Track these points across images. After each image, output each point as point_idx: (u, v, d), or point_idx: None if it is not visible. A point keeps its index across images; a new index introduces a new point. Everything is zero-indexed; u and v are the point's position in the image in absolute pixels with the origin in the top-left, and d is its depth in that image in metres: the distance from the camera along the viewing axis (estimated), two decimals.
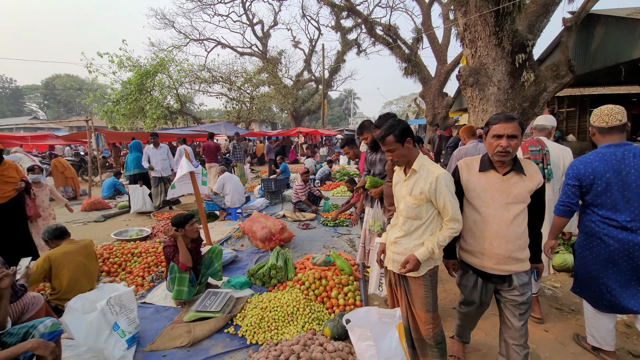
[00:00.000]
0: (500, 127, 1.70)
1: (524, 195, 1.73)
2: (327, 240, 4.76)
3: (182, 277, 2.91)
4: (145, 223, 6.05)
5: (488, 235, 1.77)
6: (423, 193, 1.78)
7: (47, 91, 58.44)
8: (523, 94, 8.09)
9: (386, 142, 1.83)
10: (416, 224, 1.82)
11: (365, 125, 3.20)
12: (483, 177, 1.80)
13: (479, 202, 1.80)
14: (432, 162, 1.90)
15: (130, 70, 19.27)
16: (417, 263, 1.78)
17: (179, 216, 3.03)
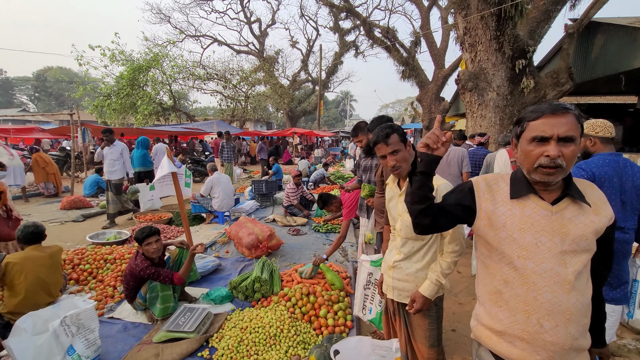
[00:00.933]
0: (546, 124, 1.01)
1: (589, 239, 1.04)
2: (318, 248, 4.49)
3: (165, 295, 2.63)
4: (127, 224, 5.73)
5: (534, 309, 1.06)
6: None
7: (39, 83, 57.31)
8: (522, 100, 7.93)
9: (390, 142, 1.55)
10: (417, 245, 1.58)
11: (361, 127, 2.95)
12: (518, 207, 1.10)
13: (513, 249, 1.08)
14: None
15: (123, 64, 18.79)
16: (425, 301, 1.52)
17: (140, 230, 2.73)
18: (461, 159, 4.16)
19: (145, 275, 2.60)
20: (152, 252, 2.71)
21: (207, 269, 3.49)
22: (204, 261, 3.58)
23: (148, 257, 2.74)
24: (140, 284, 2.67)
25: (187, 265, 2.69)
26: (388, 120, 2.52)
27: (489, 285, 1.16)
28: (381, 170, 2.49)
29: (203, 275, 3.45)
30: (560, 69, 7.60)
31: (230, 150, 9.19)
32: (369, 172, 3.02)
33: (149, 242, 2.71)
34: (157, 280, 2.62)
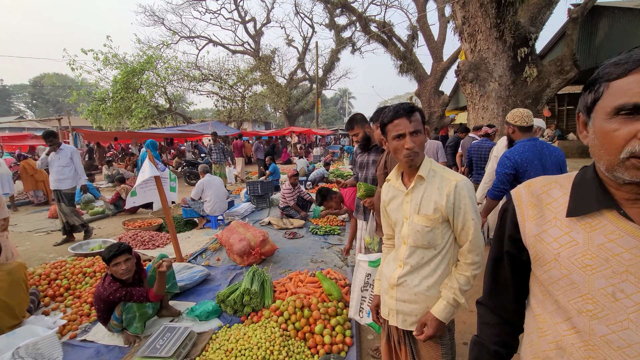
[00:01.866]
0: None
1: None
2: (316, 253, 4.22)
3: (143, 312, 2.37)
4: (116, 232, 5.46)
5: None
6: (439, 210, 1.26)
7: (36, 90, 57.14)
8: (525, 90, 7.63)
9: (413, 119, 1.28)
10: (429, 254, 1.29)
11: (357, 119, 2.66)
12: (582, 229, 0.67)
13: (572, 299, 0.68)
14: (442, 165, 1.38)
15: (116, 68, 18.50)
16: (439, 325, 1.24)
17: (107, 249, 2.43)
18: (436, 150, 4.01)
19: (116, 299, 2.33)
20: (121, 274, 2.39)
21: (194, 280, 3.22)
22: (191, 271, 3.31)
23: (117, 279, 2.43)
24: (112, 306, 2.39)
25: (159, 283, 2.41)
26: None
27: (535, 346, 0.77)
28: (384, 160, 2.18)
29: (190, 288, 3.17)
30: (564, 55, 7.29)
31: (219, 151, 8.92)
32: (365, 169, 2.74)
33: (117, 262, 2.39)
34: (131, 302, 2.35)
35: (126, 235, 4.62)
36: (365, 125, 2.65)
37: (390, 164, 2.09)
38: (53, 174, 4.70)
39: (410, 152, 1.27)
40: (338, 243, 4.54)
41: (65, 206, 4.75)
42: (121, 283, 2.42)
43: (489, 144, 4.75)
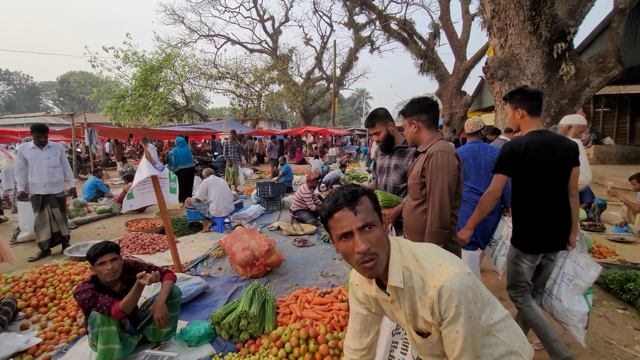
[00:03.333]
0: None
1: None
2: (327, 265, 3.81)
3: (106, 332, 2.02)
4: (120, 232, 5.23)
5: None
6: (428, 323, 0.98)
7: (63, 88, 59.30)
8: (561, 89, 6.96)
9: (360, 209, 1.00)
10: None
11: (379, 114, 2.24)
12: None
13: None
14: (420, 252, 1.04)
15: (136, 65, 18.71)
16: None
17: (93, 247, 2.14)
18: None
19: (80, 301, 2.02)
20: (106, 274, 2.11)
21: (189, 294, 2.88)
22: (187, 284, 2.97)
23: (102, 282, 2.15)
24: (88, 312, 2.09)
25: (131, 296, 2.07)
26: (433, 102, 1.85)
27: None
28: (422, 167, 1.74)
29: (184, 302, 2.83)
30: (607, 51, 6.60)
31: (235, 150, 8.65)
32: (385, 174, 2.32)
33: (103, 261, 2.12)
34: (95, 310, 2.02)
35: (126, 238, 4.36)
36: (389, 122, 2.23)
37: (431, 172, 1.66)
38: (41, 176, 4.03)
39: (363, 256, 0.94)
40: None
41: (60, 212, 4.23)
42: (107, 291, 2.13)
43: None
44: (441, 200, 1.63)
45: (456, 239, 1.76)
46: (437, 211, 1.63)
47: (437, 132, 1.84)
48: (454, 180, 1.65)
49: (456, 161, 1.67)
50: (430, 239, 1.66)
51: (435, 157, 1.66)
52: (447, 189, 1.63)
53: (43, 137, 4.13)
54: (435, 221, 1.64)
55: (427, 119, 1.82)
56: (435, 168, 1.66)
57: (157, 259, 3.87)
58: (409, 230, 1.88)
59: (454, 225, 1.71)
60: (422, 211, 1.76)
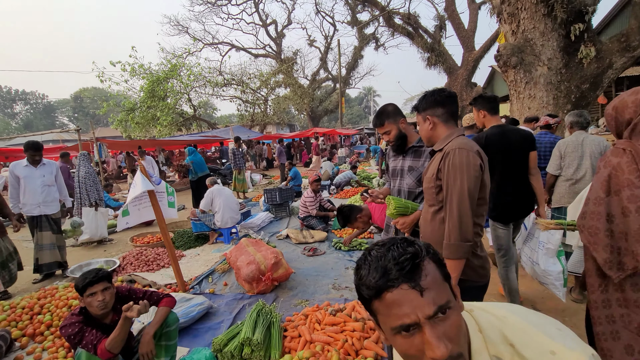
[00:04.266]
0: None
1: None
2: (339, 276, 3.55)
3: None
4: (127, 248, 5.11)
5: None
6: None
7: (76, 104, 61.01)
8: (581, 73, 6.51)
9: (426, 282, 0.63)
10: None
11: (388, 112, 1.97)
12: None
13: None
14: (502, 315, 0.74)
15: (143, 77, 18.93)
16: None
17: (82, 276, 1.94)
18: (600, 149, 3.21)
19: (66, 336, 1.82)
20: (97, 306, 1.90)
21: (191, 316, 2.67)
22: (188, 305, 2.77)
23: (93, 315, 1.95)
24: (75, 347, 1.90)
25: (118, 332, 1.85)
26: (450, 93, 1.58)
27: None
28: (437, 168, 1.48)
29: (184, 326, 2.62)
30: (630, 29, 6.12)
31: (240, 156, 8.55)
32: (399, 177, 2.05)
33: (93, 291, 1.91)
34: (80, 347, 1.82)
35: (130, 255, 4.21)
36: (400, 119, 1.97)
37: (448, 174, 1.40)
38: (35, 196, 3.81)
39: None
40: None
41: (52, 235, 3.99)
42: (97, 324, 1.93)
43: (549, 137, 3.87)
44: (460, 206, 1.36)
45: (482, 253, 1.48)
46: (455, 220, 1.37)
47: (456, 127, 1.57)
48: (475, 182, 1.38)
49: (478, 160, 1.40)
50: (449, 253, 1.39)
51: (452, 156, 1.40)
52: (468, 193, 1.36)
53: (38, 155, 3.91)
54: (454, 232, 1.37)
55: (443, 113, 1.56)
56: (452, 168, 1.39)
57: (161, 276, 3.70)
58: (426, 241, 1.61)
59: (478, 236, 1.44)
60: (441, 220, 1.49)
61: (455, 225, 1.36)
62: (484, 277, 1.46)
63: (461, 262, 1.37)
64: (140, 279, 3.56)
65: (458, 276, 1.38)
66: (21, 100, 59.70)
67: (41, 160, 3.98)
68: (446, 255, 1.39)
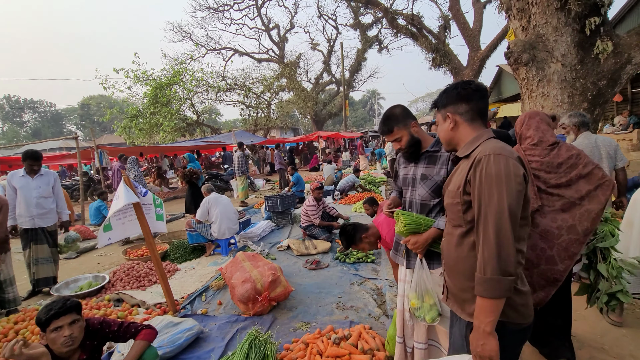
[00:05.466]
0: None
1: None
2: (343, 293, 3.25)
3: None
4: (122, 261, 4.86)
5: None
6: None
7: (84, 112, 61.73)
8: (598, 69, 6.14)
9: None
10: None
11: (396, 116, 1.67)
12: None
13: None
14: None
15: (146, 84, 18.92)
16: None
17: (45, 308, 1.68)
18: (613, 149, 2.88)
19: None
20: (62, 343, 1.64)
21: (177, 345, 2.38)
22: (175, 331, 2.48)
23: (56, 354, 1.68)
24: None
25: None
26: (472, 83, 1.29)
27: None
28: (464, 179, 1.19)
29: (170, 357, 2.34)
30: None
31: (243, 161, 8.32)
32: (411, 187, 1.75)
33: (58, 325, 1.65)
34: None
35: (121, 270, 3.95)
36: (411, 122, 1.67)
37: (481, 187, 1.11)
38: (29, 207, 3.63)
39: None
40: (372, 277, 3.53)
41: (48, 249, 3.78)
42: None
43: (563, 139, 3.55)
44: (499, 229, 1.05)
45: (525, 287, 1.17)
46: (492, 247, 1.06)
47: (484, 127, 1.28)
48: (518, 197, 1.07)
49: (521, 169, 1.10)
50: (484, 291, 1.07)
51: (486, 164, 1.09)
52: (508, 212, 1.05)
53: (36, 165, 3.71)
54: (491, 263, 1.06)
55: (468, 111, 1.26)
56: (487, 180, 1.09)
57: (151, 294, 3.42)
58: (451, 272, 1.30)
59: (520, 265, 1.13)
60: (471, 245, 1.19)
61: (493, 254, 1.05)
62: (527, 318, 1.15)
63: (500, 302, 1.07)
64: (128, 297, 3.29)
65: (495, 320, 1.07)
66: (29, 108, 60.55)
67: (39, 170, 3.78)
68: (480, 292, 1.08)
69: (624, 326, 2.37)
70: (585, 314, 2.54)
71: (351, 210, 6.85)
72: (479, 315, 1.09)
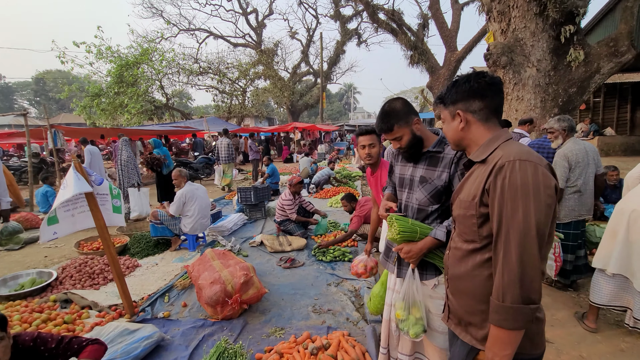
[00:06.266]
0: None
1: None
2: (320, 294, 3.08)
3: None
4: (73, 254, 4.38)
5: None
6: None
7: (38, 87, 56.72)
8: (569, 76, 6.36)
9: None
10: None
11: (396, 112, 1.48)
12: None
13: None
14: None
15: (110, 61, 17.54)
16: None
17: None
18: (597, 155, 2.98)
19: None
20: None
21: (134, 355, 2.10)
22: (132, 339, 2.19)
23: None
24: None
25: None
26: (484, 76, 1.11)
27: None
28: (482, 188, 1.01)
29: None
30: (619, 34, 6.00)
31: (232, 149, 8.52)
32: (408, 189, 1.57)
33: None
34: None
35: (71, 266, 3.53)
36: (414, 119, 1.49)
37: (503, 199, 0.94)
38: None
39: None
40: (350, 277, 3.39)
41: None
42: None
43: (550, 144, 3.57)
44: (522, 250, 0.89)
45: (541, 313, 1.02)
46: (515, 270, 0.89)
47: (500, 127, 1.12)
48: (547, 213, 0.91)
49: (552, 180, 0.94)
50: (502, 320, 0.91)
51: (510, 172, 0.92)
52: (536, 230, 0.89)
53: None
54: (512, 289, 0.90)
55: (482, 108, 1.09)
56: (510, 191, 0.92)
57: (106, 294, 3.07)
58: (456, 291, 1.14)
59: (541, 291, 0.99)
60: (482, 262, 1.03)
61: (515, 279, 0.89)
62: (539, 347, 1.02)
63: (519, 334, 0.92)
64: (78, 298, 2.92)
65: (512, 354, 0.92)
66: None
67: None
68: (496, 321, 0.93)
69: (598, 332, 2.39)
70: (562, 320, 2.55)
71: (327, 205, 6.69)
72: (493, 347, 0.94)
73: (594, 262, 2.38)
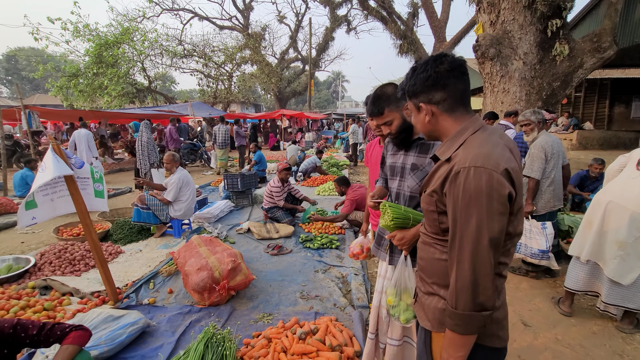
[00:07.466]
0: None
1: None
2: (308, 281, 3.10)
3: None
4: (51, 240, 4.24)
5: None
6: None
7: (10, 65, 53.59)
8: (554, 70, 6.48)
9: None
10: None
11: (387, 95, 1.47)
12: None
13: None
14: None
15: (89, 40, 16.69)
16: None
17: None
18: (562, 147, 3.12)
19: None
20: None
21: (118, 342, 2.07)
22: (117, 325, 2.15)
23: None
24: None
25: None
26: None
27: None
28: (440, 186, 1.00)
29: (109, 356, 2.03)
30: (603, 30, 6.14)
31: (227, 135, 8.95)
32: (399, 177, 1.57)
33: None
34: None
35: (50, 251, 3.41)
36: (403, 105, 1.48)
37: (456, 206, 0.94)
38: None
39: None
40: (337, 264, 3.42)
41: None
42: None
43: None
44: (474, 259, 0.88)
45: (501, 313, 1.01)
46: (466, 279, 0.89)
47: (468, 115, 1.06)
48: (500, 221, 0.89)
49: (506, 187, 0.89)
50: (454, 325, 0.93)
51: (464, 180, 0.90)
52: (489, 240, 0.88)
53: None
54: (464, 296, 0.90)
55: (445, 98, 1.03)
56: (464, 199, 0.90)
57: (88, 280, 2.99)
58: (423, 270, 1.14)
59: (501, 279, 0.99)
60: (442, 253, 1.05)
61: (466, 287, 0.89)
62: (503, 342, 1.02)
63: (472, 337, 0.93)
64: (58, 284, 2.83)
65: (466, 355, 0.94)
66: None
67: None
68: (450, 326, 0.94)
69: (573, 316, 2.52)
70: (540, 305, 2.66)
71: (314, 193, 6.69)
72: (448, 348, 0.96)
73: (570, 250, 2.48)
